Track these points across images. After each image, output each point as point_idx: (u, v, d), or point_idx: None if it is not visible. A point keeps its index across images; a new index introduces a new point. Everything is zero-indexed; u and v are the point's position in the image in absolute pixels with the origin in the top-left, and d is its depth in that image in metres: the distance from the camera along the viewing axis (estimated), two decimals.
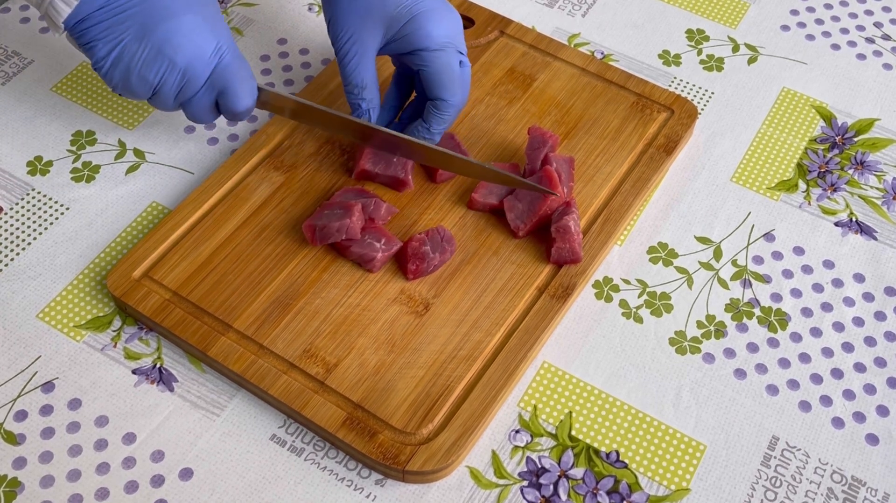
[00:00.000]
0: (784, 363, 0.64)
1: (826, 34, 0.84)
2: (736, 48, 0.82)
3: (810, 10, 0.85)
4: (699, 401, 0.62)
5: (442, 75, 0.67)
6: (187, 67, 0.64)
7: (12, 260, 0.68)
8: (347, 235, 0.64)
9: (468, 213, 0.69)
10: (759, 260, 0.69)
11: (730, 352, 0.64)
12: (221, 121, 0.76)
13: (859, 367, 0.64)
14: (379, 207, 0.67)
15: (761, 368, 0.64)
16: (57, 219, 0.70)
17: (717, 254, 0.69)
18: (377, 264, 0.65)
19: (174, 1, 0.63)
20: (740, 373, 0.64)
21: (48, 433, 0.60)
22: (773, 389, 0.63)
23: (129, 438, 0.60)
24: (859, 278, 0.68)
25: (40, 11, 0.63)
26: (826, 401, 0.62)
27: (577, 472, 0.59)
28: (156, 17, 0.63)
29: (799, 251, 0.69)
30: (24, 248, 0.69)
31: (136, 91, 0.65)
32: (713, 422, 0.61)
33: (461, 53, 0.68)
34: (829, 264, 0.69)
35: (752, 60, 0.81)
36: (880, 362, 0.64)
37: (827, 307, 0.67)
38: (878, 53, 0.82)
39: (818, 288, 0.68)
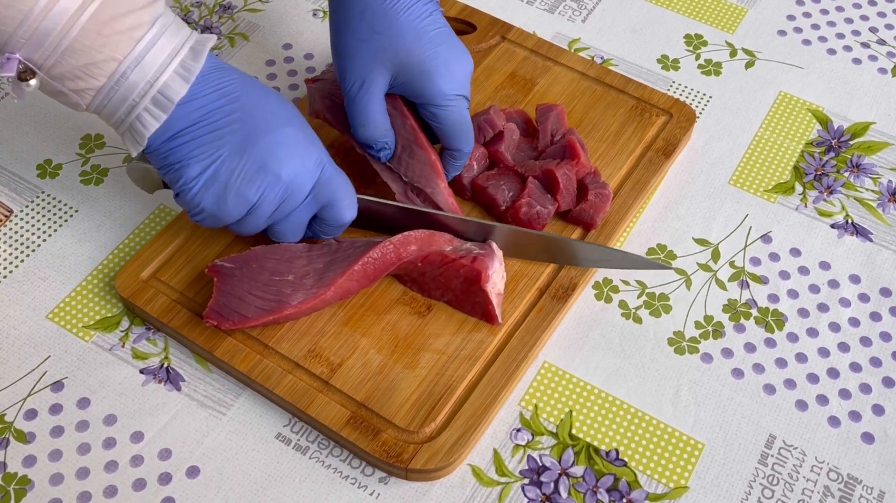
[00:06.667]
0: (781, 363, 0.65)
1: (822, 39, 0.84)
2: (733, 53, 0.83)
3: (807, 15, 0.86)
4: (697, 400, 0.63)
5: (455, 128, 0.65)
6: (291, 181, 0.59)
7: (22, 261, 0.69)
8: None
9: (468, 213, 0.69)
10: (756, 261, 0.70)
11: (727, 352, 0.65)
12: None
13: (855, 367, 0.65)
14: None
15: (758, 368, 0.65)
16: (66, 221, 0.71)
17: (715, 255, 0.70)
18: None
19: (274, 114, 0.59)
20: (738, 373, 0.64)
21: (57, 432, 0.61)
22: (770, 389, 0.64)
23: (137, 437, 0.61)
24: (855, 279, 0.69)
25: (119, 130, 0.57)
26: (822, 400, 0.63)
27: (578, 470, 0.60)
28: (257, 130, 0.58)
29: (795, 252, 0.70)
30: (33, 250, 0.69)
31: (230, 210, 0.59)
32: (711, 420, 0.62)
33: (467, 99, 0.66)
34: (825, 265, 0.70)
35: (749, 65, 0.82)
36: (876, 362, 0.65)
37: (823, 308, 0.67)
38: (873, 58, 0.83)
39: (814, 289, 0.68)
